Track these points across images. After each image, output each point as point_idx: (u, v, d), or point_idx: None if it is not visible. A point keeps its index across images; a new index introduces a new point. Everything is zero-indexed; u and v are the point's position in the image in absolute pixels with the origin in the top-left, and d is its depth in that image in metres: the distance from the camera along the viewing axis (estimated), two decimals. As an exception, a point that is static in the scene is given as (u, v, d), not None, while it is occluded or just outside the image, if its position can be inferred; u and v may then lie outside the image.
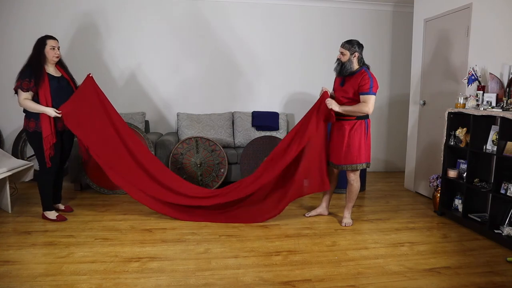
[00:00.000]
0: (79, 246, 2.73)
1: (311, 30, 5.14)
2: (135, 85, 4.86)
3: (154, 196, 3.30)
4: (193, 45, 4.90)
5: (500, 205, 2.97)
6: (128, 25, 4.75)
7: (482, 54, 3.36)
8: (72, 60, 3.94)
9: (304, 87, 5.17)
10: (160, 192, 3.32)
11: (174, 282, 2.23)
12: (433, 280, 2.32)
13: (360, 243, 2.88)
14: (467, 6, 3.52)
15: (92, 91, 3.25)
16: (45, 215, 3.23)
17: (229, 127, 4.82)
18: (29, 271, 2.32)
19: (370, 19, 5.26)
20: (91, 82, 3.26)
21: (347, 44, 3.06)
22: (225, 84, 5.05)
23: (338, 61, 3.13)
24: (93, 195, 4.06)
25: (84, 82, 3.23)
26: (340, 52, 3.08)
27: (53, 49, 3.06)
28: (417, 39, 4.34)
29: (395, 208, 3.80)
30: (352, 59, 3.05)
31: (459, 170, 3.42)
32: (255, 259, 2.57)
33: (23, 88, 2.94)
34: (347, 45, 3.05)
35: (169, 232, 3.03)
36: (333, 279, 2.31)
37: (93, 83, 3.27)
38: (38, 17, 4.55)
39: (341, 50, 3.08)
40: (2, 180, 3.33)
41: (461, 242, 2.95)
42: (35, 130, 3.04)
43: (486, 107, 3.06)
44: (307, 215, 3.45)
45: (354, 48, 3.03)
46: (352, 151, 3.08)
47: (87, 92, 3.22)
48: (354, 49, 3.03)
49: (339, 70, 3.12)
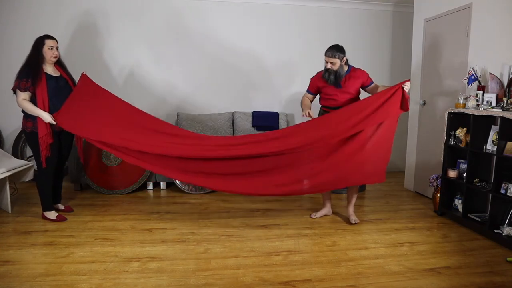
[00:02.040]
0: (79, 246, 2.73)
1: (311, 30, 5.14)
2: (135, 85, 4.86)
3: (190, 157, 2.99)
4: (193, 45, 4.90)
5: (500, 205, 2.97)
6: (128, 24, 4.75)
7: (482, 54, 3.36)
8: (72, 60, 3.94)
9: (304, 87, 5.14)
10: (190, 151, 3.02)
11: (174, 282, 2.23)
12: (433, 280, 2.32)
13: (360, 243, 2.88)
14: (467, 6, 3.52)
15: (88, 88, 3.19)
16: (45, 215, 3.23)
17: (229, 127, 4.82)
18: (29, 271, 2.32)
19: (370, 19, 5.26)
20: (86, 79, 3.22)
21: (336, 53, 3.05)
22: (225, 84, 5.05)
23: (329, 71, 3.11)
24: (93, 195, 4.06)
25: (79, 82, 3.20)
26: (329, 62, 3.07)
27: (51, 49, 3.05)
28: (417, 39, 4.34)
29: (395, 208, 3.80)
30: (342, 64, 3.10)
31: (459, 170, 3.42)
32: (255, 259, 2.57)
33: (21, 88, 2.94)
34: (336, 53, 3.05)
35: (169, 232, 3.03)
36: (333, 279, 2.31)
37: (88, 80, 3.22)
38: (38, 16, 4.55)
39: (330, 60, 3.06)
40: (2, 180, 3.33)
41: (461, 242, 2.95)
42: (32, 131, 3.04)
43: (486, 107, 3.06)
44: (314, 216, 3.44)
45: (342, 54, 3.07)
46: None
47: (83, 90, 3.17)
48: (342, 55, 3.07)
49: (335, 80, 3.11)
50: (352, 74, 3.17)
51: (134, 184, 4.15)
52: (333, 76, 3.11)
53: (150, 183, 4.38)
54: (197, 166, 3.06)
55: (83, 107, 3.10)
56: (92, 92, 3.21)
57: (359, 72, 3.19)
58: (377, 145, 3.01)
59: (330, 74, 3.12)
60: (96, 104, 3.16)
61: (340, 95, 3.17)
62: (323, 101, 3.30)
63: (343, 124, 2.97)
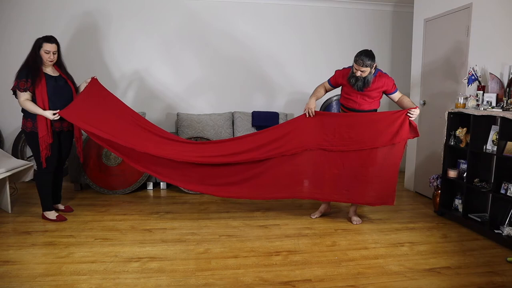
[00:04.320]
0: (79, 246, 2.73)
1: (311, 30, 5.14)
2: (135, 85, 4.86)
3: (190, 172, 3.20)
4: (194, 45, 4.90)
5: (500, 205, 2.97)
6: (129, 25, 4.75)
7: (482, 54, 3.36)
8: (73, 60, 3.94)
9: (304, 87, 5.17)
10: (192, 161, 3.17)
11: (174, 282, 2.23)
12: (433, 280, 2.32)
13: (360, 243, 2.88)
14: (467, 6, 3.52)
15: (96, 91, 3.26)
16: (45, 215, 3.22)
17: (229, 127, 4.82)
18: (29, 271, 2.32)
19: (370, 19, 5.26)
20: (96, 83, 3.29)
21: (367, 61, 2.88)
22: (225, 84, 5.05)
23: (358, 78, 2.97)
24: (93, 195, 4.06)
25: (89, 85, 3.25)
26: (359, 71, 2.93)
27: (47, 53, 3.02)
28: (417, 39, 4.34)
29: (395, 208, 3.79)
30: (372, 70, 2.99)
31: (459, 170, 3.42)
32: (255, 259, 2.57)
33: (20, 88, 2.94)
34: (368, 61, 2.88)
35: (169, 232, 3.03)
36: (333, 279, 2.31)
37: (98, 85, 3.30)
38: (39, 16, 4.55)
39: (361, 69, 2.91)
40: (2, 180, 3.32)
41: (461, 242, 2.95)
42: (32, 130, 3.04)
43: (486, 107, 3.06)
44: (313, 217, 3.43)
45: (373, 61, 2.92)
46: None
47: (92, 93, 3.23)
48: (374, 62, 2.93)
49: (363, 86, 3.00)
50: (377, 79, 3.03)
51: (134, 184, 4.15)
52: (361, 82, 2.99)
53: (150, 183, 4.38)
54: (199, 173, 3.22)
55: (91, 106, 3.15)
56: (101, 95, 3.28)
57: (384, 79, 3.06)
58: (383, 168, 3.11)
59: (357, 80, 2.99)
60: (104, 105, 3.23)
61: (360, 97, 3.10)
62: (343, 100, 3.23)
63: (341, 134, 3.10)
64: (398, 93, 3.15)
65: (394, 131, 3.03)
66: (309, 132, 3.15)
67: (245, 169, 3.20)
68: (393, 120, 3.03)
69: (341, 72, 3.19)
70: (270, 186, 3.21)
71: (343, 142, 3.11)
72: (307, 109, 3.12)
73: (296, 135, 3.17)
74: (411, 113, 2.99)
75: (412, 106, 3.02)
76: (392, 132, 3.03)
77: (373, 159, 3.12)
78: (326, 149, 3.14)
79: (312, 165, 3.21)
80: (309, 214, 3.48)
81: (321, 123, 3.15)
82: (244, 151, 3.17)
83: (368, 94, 3.08)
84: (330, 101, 4.81)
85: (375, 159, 3.12)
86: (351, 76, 3.03)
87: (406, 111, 3.01)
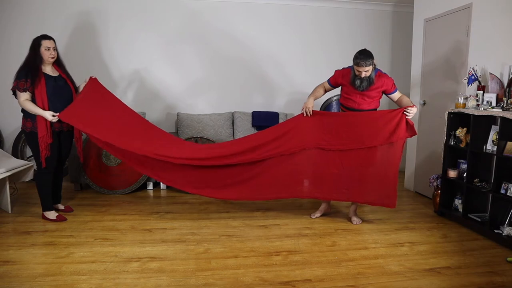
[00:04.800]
0: (79, 246, 2.72)
1: (311, 30, 5.14)
2: (135, 85, 4.87)
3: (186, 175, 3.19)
4: (194, 45, 4.90)
5: (500, 205, 2.97)
6: (129, 24, 4.75)
7: (482, 54, 3.36)
8: (73, 60, 3.94)
9: (304, 87, 5.16)
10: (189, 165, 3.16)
11: (174, 282, 2.23)
12: (433, 280, 2.32)
13: (360, 243, 2.88)
14: (467, 6, 3.52)
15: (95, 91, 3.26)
16: (45, 215, 3.22)
17: (229, 127, 4.82)
18: (29, 271, 2.32)
19: (370, 19, 5.26)
20: (95, 83, 3.28)
21: (369, 60, 2.91)
22: (225, 84, 5.05)
23: (362, 78, 2.99)
24: (93, 195, 4.06)
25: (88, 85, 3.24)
26: (364, 71, 2.95)
27: (47, 50, 3.03)
28: (417, 39, 4.34)
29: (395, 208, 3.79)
30: (373, 69, 3.02)
31: (459, 170, 3.42)
32: (255, 259, 2.57)
33: (20, 88, 2.94)
34: (369, 60, 2.91)
35: (169, 232, 3.03)
36: (333, 279, 2.31)
37: (97, 84, 3.30)
38: (39, 16, 4.55)
39: (365, 69, 2.94)
40: (2, 180, 3.32)
41: (461, 242, 2.95)
42: (32, 130, 3.04)
43: (486, 107, 3.06)
44: (313, 217, 3.43)
45: (373, 59, 2.96)
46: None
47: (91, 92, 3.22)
48: (373, 59, 2.97)
49: (368, 85, 3.02)
50: (377, 79, 3.05)
51: (134, 184, 4.15)
52: (367, 82, 3.00)
53: (150, 183, 4.38)
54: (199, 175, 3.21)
55: (90, 107, 3.14)
56: (100, 95, 3.28)
57: (383, 79, 3.08)
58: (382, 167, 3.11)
59: (363, 81, 3.00)
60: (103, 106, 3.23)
61: (360, 97, 3.10)
62: (343, 100, 3.24)
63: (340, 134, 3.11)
64: (398, 92, 3.15)
65: (391, 130, 3.04)
66: (307, 131, 3.15)
67: (244, 170, 3.20)
68: (390, 119, 3.03)
69: (340, 72, 3.19)
70: (270, 186, 3.21)
71: (341, 142, 3.12)
72: (305, 108, 3.13)
73: (294, 134, 3.17)
74: (408, 111, 2.99)
75: (409, 105, 3.02)
76: (389, 130, 3.04)
77: (372, 159, 3.12)
78: (324, 148, 3.15)
79: (312, 165, 3.21)
80: (309, 214, 3.48)
81: (319, 122, 3.16)
82: (243, 152, 3.17)
83: (367, 94, 3.08)
84: (330, 101, 4.81)
85: (374, 158, 3.12)
86: (354, 79, 3.03)
87: (403, 109, 3.02)
